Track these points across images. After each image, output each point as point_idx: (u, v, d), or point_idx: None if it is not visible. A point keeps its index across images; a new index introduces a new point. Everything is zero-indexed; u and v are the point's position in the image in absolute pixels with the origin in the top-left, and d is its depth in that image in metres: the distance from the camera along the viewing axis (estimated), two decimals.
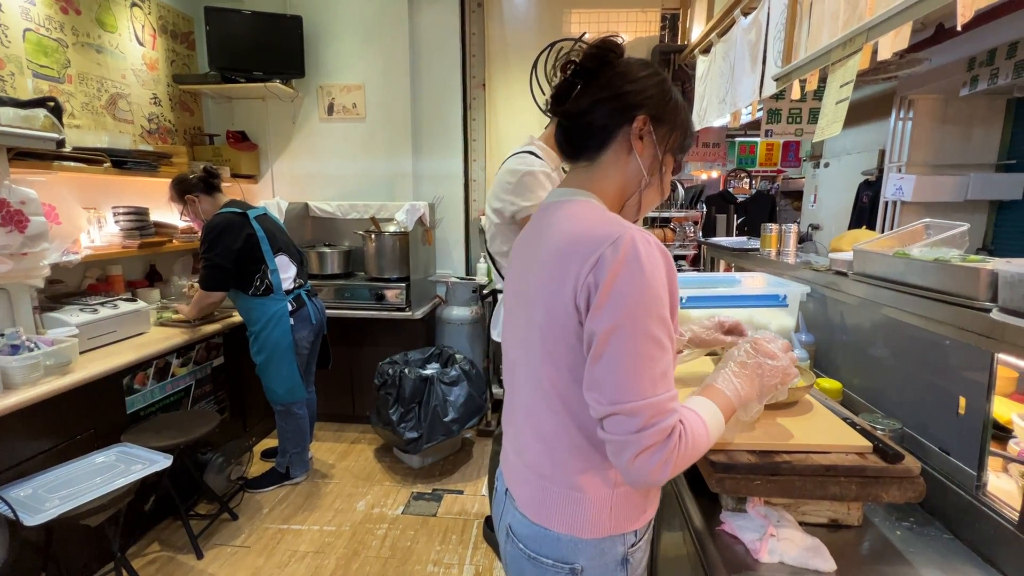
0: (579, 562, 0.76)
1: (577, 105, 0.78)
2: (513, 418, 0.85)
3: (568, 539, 0.76)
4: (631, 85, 0.75)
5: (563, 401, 0.73)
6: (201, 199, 2.30)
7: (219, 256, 2.20)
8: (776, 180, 6.85)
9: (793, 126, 3.25)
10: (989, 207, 3.53)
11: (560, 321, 0.70)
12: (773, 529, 0.86)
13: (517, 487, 0.82)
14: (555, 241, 0.73)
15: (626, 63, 0.77)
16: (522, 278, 0.81)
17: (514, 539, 0.82)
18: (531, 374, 0.78)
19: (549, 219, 0.78)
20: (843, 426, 0.93)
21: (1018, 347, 0.78)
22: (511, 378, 0.86)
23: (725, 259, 2.20)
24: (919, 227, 1.22)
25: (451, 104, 3.34)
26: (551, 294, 0.71)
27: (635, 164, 0.77)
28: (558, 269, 0.70)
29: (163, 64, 2.94)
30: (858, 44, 1.33)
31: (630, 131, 0.76)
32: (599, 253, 0.65)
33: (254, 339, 2.36)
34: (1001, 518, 0.81)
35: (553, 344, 0.72)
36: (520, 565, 0.81)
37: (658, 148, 0.78)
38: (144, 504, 2.05)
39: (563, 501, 0.75)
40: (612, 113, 0.76)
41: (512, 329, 0.85)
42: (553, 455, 0.76)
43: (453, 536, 2.20)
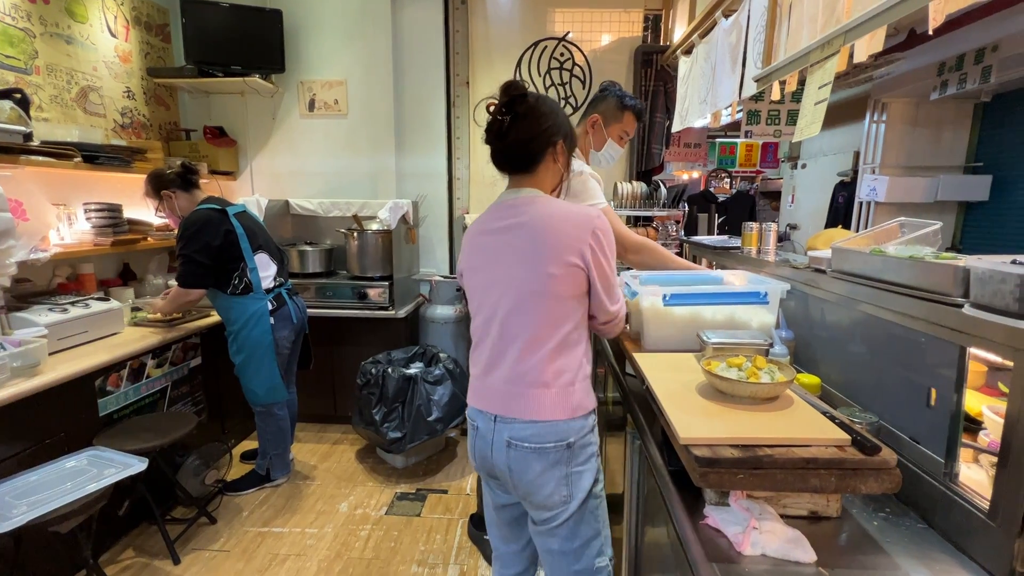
0: (571, 437, 1.11)
1: (514, 138, 1.12)
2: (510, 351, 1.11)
3: (564, 423, 1.10)
4: (547, 120, 1.13)
5: (563, 321, 1.10)
6: (178, 195, 2.23)
7: (198, 252, 2.14)
8: (755, 180, 6.98)
9: (772, 127, 3.31)
10: (958, 208, 3.65)
11: (567, 269, 1.08)
12: (755, 522, 0.87)
13: (518, 405, 1.10)
14: (549, 221, 1.09)
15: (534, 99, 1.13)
16: (506, 253, 1.12)
17: (517, 445, 1.10)
18: (538, 311, 1.09)
19: (521, 209, 1.12)
20: (823, 420, 0.95)
21: (988, 341, 0.81)
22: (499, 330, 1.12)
23: (707, 257, 2.23)
24: (894, 226, 1.25)
25: (435, 102, 3.32)
26: (559, 253, 1.07)
27: (558, 169, 1.19)
28: (565, 237, 1.07)
29: (137, 57, 2.85)
30: (836, 46, 1.36)
31: (554, 151, 1.16)
32: (593, 226, 1.09)
33: (233, 339, 2.30)
34: (972, 507, 0.84)
35: (561, 285, 1.08)
36: (527, 461, 1.10)
37: (567, 154, 1.20)
38: (118, 509, 1.99)
39: (562, 396, 1.10)
40: (542, 141, 1.14)
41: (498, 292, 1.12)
42: (557, 366, 1.10)
43: (437, 536, 2.19)
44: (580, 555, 1.17)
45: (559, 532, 1.15)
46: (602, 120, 1.71)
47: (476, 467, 1.24)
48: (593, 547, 1.18)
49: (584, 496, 1.14)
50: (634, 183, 3.16)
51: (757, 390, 1.02)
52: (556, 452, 1.10)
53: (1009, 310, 0.76)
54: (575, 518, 1.14)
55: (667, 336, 1.41)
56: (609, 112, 1.71)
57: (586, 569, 1.18)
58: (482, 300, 1.17)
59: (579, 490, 1.13)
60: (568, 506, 1.13)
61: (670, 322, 1.41)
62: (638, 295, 1.42)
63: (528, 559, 1.35)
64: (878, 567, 0.82)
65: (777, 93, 1.79)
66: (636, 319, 1.51)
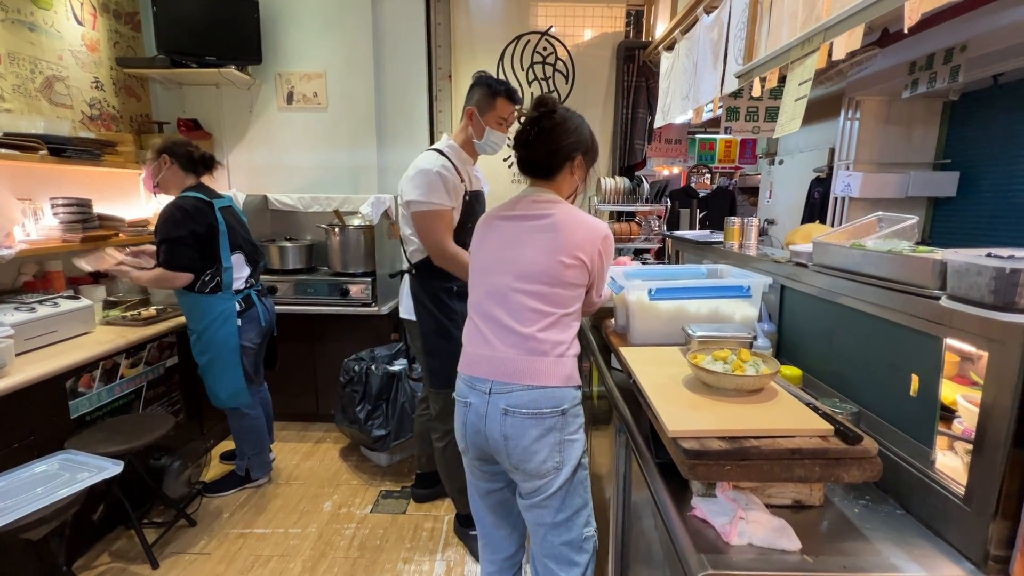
0: (565, 404, 1.21)
1: (540, 151, 1.27)
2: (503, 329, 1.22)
3: (559, 390, 1.20)
4: (571, 137, 1.26)
5: (559, 303, 1.22)
6: (173, 168, 2.16)
7: (185, 237, 2.07)
8: (734, 176, 7.09)
9: (751, 124, 3.36)
10: (927, 203, 3.76)
11: (575, 262, 1.21)
12: (742, 512, 0.88)
13: (517, 371, 1.19)
14: (572, 223, 1.22)
15: (561, 117, 1.25)
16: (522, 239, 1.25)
17: (514, 412, 1.19)
18: (542, 292, 1.21)
19: (546, 207, 1.25)
20: (806, 411, 0.97)
21: (964, 332, 0.83)
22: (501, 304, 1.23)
23: (690, 252, 2.26)
24: (872, 220, 1.28)
25: (416, 95, 3.28)
26: (575, 250, 1.20)
27: (575, 179, 1.33)
28: (582, 238, 1.21)
29: (105, 46, 2.75)
30: (816, 44, 1.38)
31: (572, 164, 1.29)
32: (603, 235, 1.24)
33: (197, 338, 2.22)
34: (949, 493, 0.86)
35: (565, 272, 1.21)
36: (523, 428, 1.18)
37: (585, 168, 1.33)
38: (92, 514, 1.93)
39: (557, 365, 1.21)
40: (564, 155, 1.27)
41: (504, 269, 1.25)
42: (555, 337, 1.21)
43: (423, 533, 2.18)
44: (571, 526, 1.25)
45: (550, 503, 1.22)
46: (477, 111, 1.80)
47: (465, 447, 1.32)
48: (581, 517, 1.26)
49: (575, 465, 1.23)
50: (617, 178, 3.17)
51: (743, 383, 1.03)
52: (552, 418, 1.19)
53: (984, 302, 0.78)
54: (566, 488, 1.22)
55: (653, 330, 1.43)
56: (482, 102, 1.79)
57: (576, 539, 1.26)
58: (485, 275, 1.28)
59: (570, 457, 1.22)
60: (560, 473, 1.21)
61: (655, 316, 1.42)
62: (624, 289, 1.43)
63: (516, 543, 1.44)
64: (859, 553, 0.84)
65: (758, 89, 1.82)
66: (622, 313, 1.52)
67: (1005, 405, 0.76)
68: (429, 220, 1.74)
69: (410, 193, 1.74)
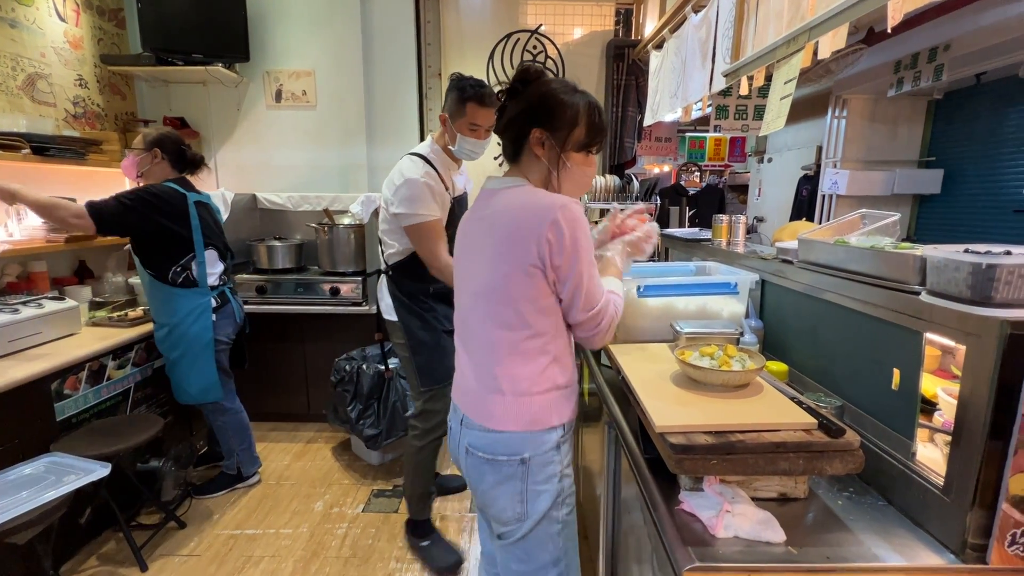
0: (526, 452, 1.03)
1: (500, 126, 1.07)
2: (471, 358, 1.08)
3: (519, 436, 1.03)
4: (524, 105, 1.02)
5: (517, 327, 1.01)
6: (161, 164, 2.12)
7: (138, 206, 1.96)
8: (724, 174, 7.14)
9: (740, 122, 3.38)
10: (912, 200, 3.82)
11: (522, 266, 0.97)
12: (728, 505, 0.90)
13: (477, 409, 1.06)
14: (507, 211, 1.00)
15: (534, 86, 1.02)
16: (475, 240, 1.07)
17: (473, 452, 1.06)
18: (490, 313, 1.03)
19: (497, 200, 1.04)
20: (791, 405, 0.98)
21: (943, 326, 0.85)
22: (464, 329, 1.11)
23: (679, 249, 2.27)
24: (856, 217, 1.30)
25: (406, 94, 3.27)
26: (513, 249, 0.97)
27: (543, 164, 1.04)
28: (518, 229, 0.97)
29: (89, 43, 2.71)
30: (801, 43, 1.40)
31: (529, 141, 1.03)
32: (552, 217, 0.94)
33: (167, 333, 2.16)
34: (929, 484, 0.88)
35: (514, 286, 0.99)
36: (480, 471, 1.06)
37: (557, 149, 1.03)
38: (79, 517, 1.91)
39: (516, 406, 1.03)
40: (517, 131, 1.04)
41: (465, 287, 1.10)
42: (511, 372, 1.02)
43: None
44: None
45: (514, 551, 1.09)
46: (449, 117, 1.74)
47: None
48: (549, 574, 1.09)
49: (539, 518, 1.05)
50: (607, 176, 3.19)
51: (729, 378, 1.05)
52: (509, 466, 1.03)
53: (962, 296, 0.80)
54: (531, 539, 1.07)
55: (641, 327, 1.44)
56: (453, 108, 1.71)
57: None
58: (457, 290, 1.15)
59: (534, 510, 1.05)
60: (522, 524, 1.06)
61: (644, 313, 1.43)
62: None
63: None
64: (842, 544, 0.85)
65: (745, 88, 1.83)
66: None
67: (982, 397, 0.77)
68: (422, 232, 1.70)
69: (398, 205, 1.70)
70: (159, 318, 2.18)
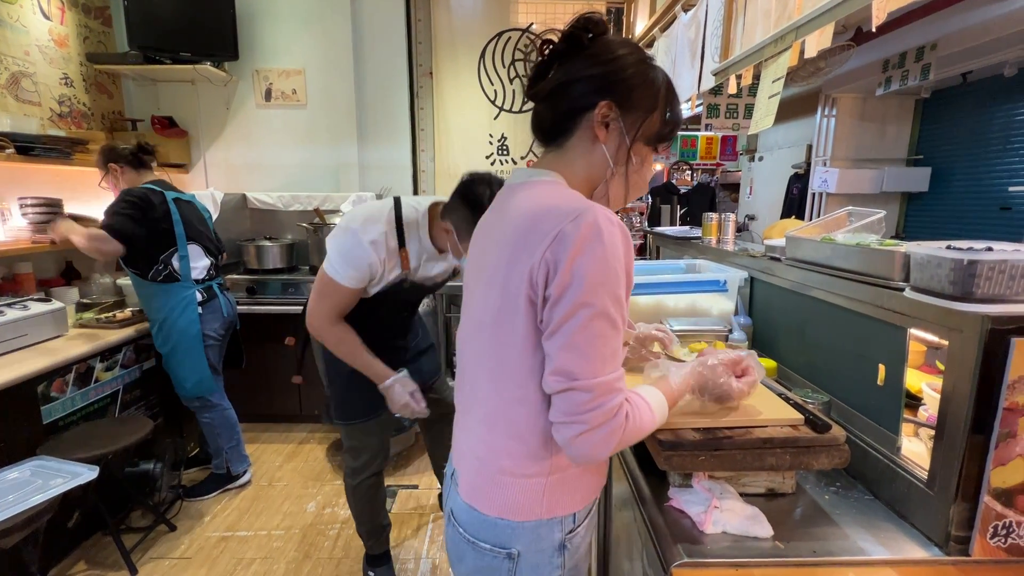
0: (515, 547, 0.76)
1: (544, 88, 0.75)
2: (462, 397, 0.86)
3: (504, 523, 0.76)
4: (597, 67, 0.72)
5: (504, 385, 0.73)
6: (125, 171, 2.14)
7: (131, 215, 2.03)
8: (715, 173, 7.18)
9: (731, 120, 3.39)
10: (901, 198, 3.86)
11: (513, 299, 0.69)
12: (717, 501, 0.90)
13: (461, 467, 0.83)
14: (516, 220, 0.71)
15: (601, 43, 0.73)
16: (478, 260, 0.80)
17: (455, 523, 0.82)
18: (478, 355, 0.78)
19: (511, 200, 0.76)
20: (778, 401, 0.99)
21: (927, 322, 0.86)
22: (462, 361, 0.86)
23: (669, 247, 2.28)
24: (842, 214, 1.32)
25: (397, 92, 3.26)
26: (508, 275, 0.69)
27: (600, 152, 0.74)
28: (517, 247, 0.69)
29: (74, 41, 2.67)
30: (788, 42, 1.41)
31: (592, 119, 0.73)
32: (559, 229, 0.64)
33: (158, 328, 2.20)
34: (913, 478, 0.89)
35: (504, 322, 0.71)
36: (460, 549, 0.82)
37: (626, 136, 0.73)
38: (68, 521, 1.89)
39: (496, 484, 0.76)
40: (575, 98, 0.73)
41: (468, 312, 0.83)
42: (491, 438, 0.76)
43: (408, 531, 2.17)
44: None
45: None
46: (456, 234, 1.36)
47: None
48: None
49: None
50: None
51: None
52: (492, 557, 0.77)
53: (944, 293, 0.81)
54: None
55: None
56: (462, 223, 1.32)
57: None
58: (463, 307, 0.87)
59: None
60: None
61: (635, 311, 1.44)
62: None
63: None
64: (828, 537, 0.86)
65: (734, 87, 1.84)
66: None
67: (964, 392, 0.78)
68: (324, 284, 1.41)
69: (330, 241, 1.40)
70: (149, 314, 2.22)
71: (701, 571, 0.81)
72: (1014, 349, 0.74)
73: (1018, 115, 2.98)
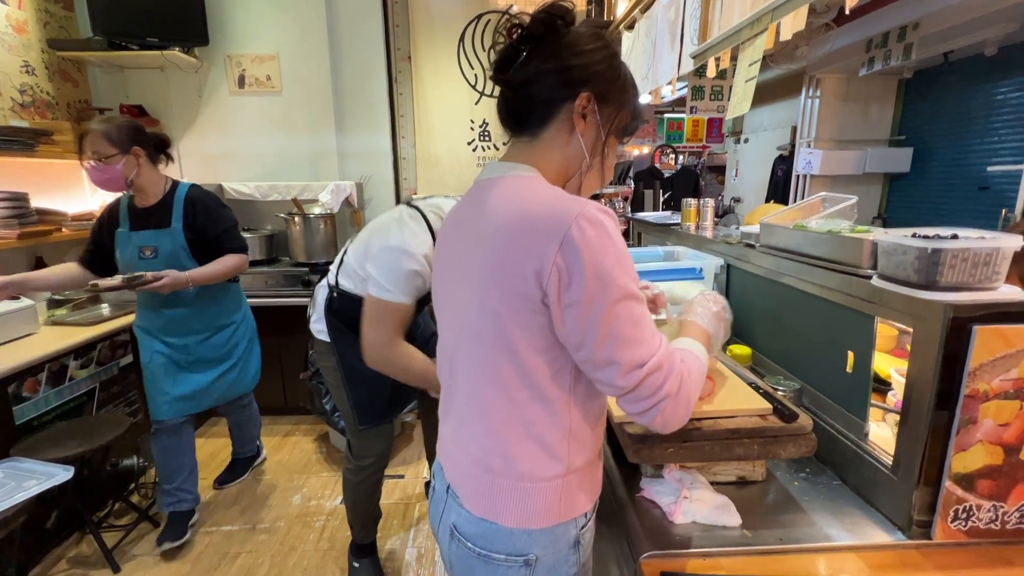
0: (533, 552, 0.76)
1: (520, 75, 0.73)
2: (453, 411, 0.81)
3: (521, 532, 0.75)
4: (577, 58, 0.71)
5: (518, 388, 0.71)
6: (144, 162, 1.82)
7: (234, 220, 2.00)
8: (702, 155, 7.16)
9: (716, 103, 3.36)
10: (883, 179, 3.87)
11: (519, 305, 0.67)
12: (687, 491, 0.91)
13: (461, 483, 0.79)
14: (499, 218, 0.69)
15: (575, 33, 0.73)
16: (457, 260, 0.77)
17: (461, 539, 0.79)
18: (479, 362, 0.74)
19: (489, 196, 0.73)
20: (749, 391, 0.99)
21: (893, 310, 0.86)
22: (449, 369, 0.81)
23: (650, 234, 2.27)
24: (817, 200, 1.31)
25: (375, 77, 3.18)
26: (505, 278, 0.67)
27: (577, 144, 0.75)
28: (512, 250, 0.66)
29: (34, 27, 2.57)
30: (764, 24, 1.38)
31: (573, 108, 0.73)
32: (564, 233, 0.63)
33: (234, 330, 2.12)
34: (879, 463, 0.90)
35: (512, 329, 0.69)
36: (469, 564, 0.78)
37: (601, 128, 0.75)
38: (46, 521, 1.87)
39: (514, 494, 0.74)
40: (555, 87, 0.72)
41: (449, 317, 0.81)
42: (504, 448, 0.74)
43: (395, 521, 2.18)
44: None
45: None
46: None
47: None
48: None
49: None
50: None
51: None
52: (509, 568, 0.76)
53: (910, 281, 0.81)
54: None
55: None
56: None
57: None
58: (440, 318, 0.84)
59: None
60: None
61: None
62: None
63: None
64: (796, 524, 0.87)
65: (713, 70, 1.82)
66: None
67: (927, 379, 0.79)
68: (377, 309, 1.33)
69: (374, 265, 1.34)
70: (221, 319, 2.08)
71: (669, 562, 0.81)
72: (975, 337, 0.74)
73: (998, 95, 2.99)
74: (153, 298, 1.91)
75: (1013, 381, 0.75)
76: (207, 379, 2.04)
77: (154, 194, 1.88)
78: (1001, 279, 0.78)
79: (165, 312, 1.96)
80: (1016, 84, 2.91)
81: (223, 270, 1.92)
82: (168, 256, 1.86)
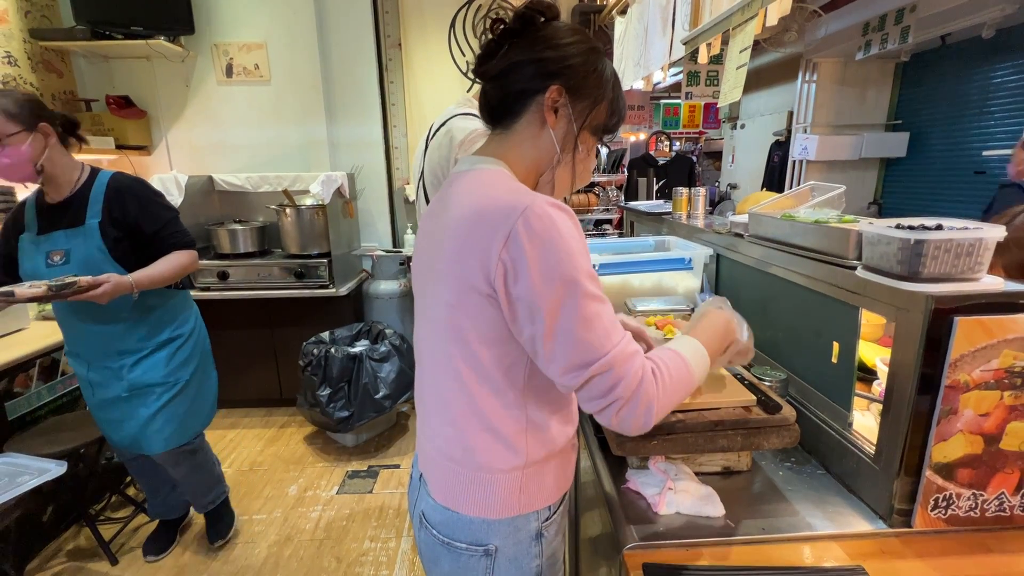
0: (493, 542, 0.77)
1: (495, 67, 0.74)
2: (422, 400, 0.84)
3: (480, 521, 0.77)
4: (552, 51, 0.71)
5: (472, 380, 0.72)
6: (52, 143, 1.47)
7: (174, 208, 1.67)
8: (699, 141, 7.11)
9: (711, 88, 3.32)
10: (880, 163, 3.85)
11: (470, 298, 0.68)
12: (671, 483, 0.91)
13: (430, 472, 0.82)
14: (460, 212, 0.69)
15: (554, 27, 0.73)
16: (427, 253, 0.77)
17: (427, 526, 0.82)
18: (438, 353, 0.76)
19: (454, 189, 0.74)
20: (734, 382, 0.99)
21: (877, 301, 0.86)
22: (419, 358, 0.84)
23: (644, 223, 2.26)
24: (806, 189, 1.30)
25: (365, 66, 3.13)
26: (459, 270, 0.68)
27: (548, 138, 0.74)
28: (465, 243, 0.67)
29: (15, 16, 2.52)
30: (755, 9, 1.36)
31: (543, 103, 0.72)
32: (510, 227, 0.63)
33: (182, 343, 1.70)
34: (862, 453, 0.91)
35: (463, 321, 0.70)
36: (435, 552, 0.81)
37: (574, 123, 0.74)
38: (42, 515, 1.88)
39: (473, 484, 0.76)
40: (527, 78, 0.72)
41: (421, 311, 0.81)
42: (463, 438, 0.75)
43: (390, 510, 2.20)
44: None
45: None
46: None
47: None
48: None
49: None
50: None
51: None
52: (469, 556, 0.78)
53: (893, 272, 0.81)
54: None
55: None
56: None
57: None
58: (415, 309, 0.85)
59: None
60: None
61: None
62: None
63: None
64: (779, 514, 0.88)
65: (704, 56, 1.79)
66: None
67: (909, 370, 0.79)
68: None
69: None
70: (173, 330, 1.70)
71: (652, 553, 0.82)
72: (956, 328, 0.74)
73: (995, 78, 2.96)
74: (79, 311, 1.55)
75: (993, 371, 0.75)
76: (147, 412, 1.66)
77: (68, 183, 1.52)
78: (984, 269, 0.77)
79: (92, 328, 1.58)
80: (1013, 67, 2.87)
81: (172, 270, 1.58)
82: (82, 261, 1.50)
